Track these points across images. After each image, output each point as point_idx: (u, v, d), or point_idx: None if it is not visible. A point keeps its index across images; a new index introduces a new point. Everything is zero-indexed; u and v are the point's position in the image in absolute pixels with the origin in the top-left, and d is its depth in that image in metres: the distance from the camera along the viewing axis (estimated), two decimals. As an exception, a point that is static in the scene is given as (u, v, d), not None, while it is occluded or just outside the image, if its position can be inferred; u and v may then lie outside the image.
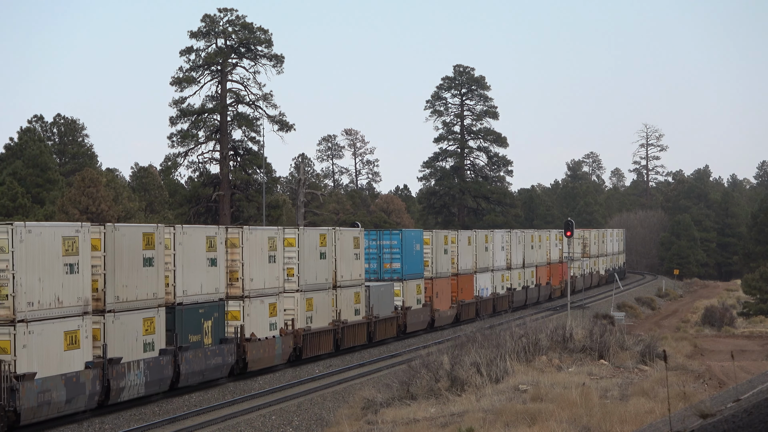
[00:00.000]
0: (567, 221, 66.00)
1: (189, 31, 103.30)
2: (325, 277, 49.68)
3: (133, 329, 35.58)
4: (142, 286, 36.03)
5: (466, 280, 69.30)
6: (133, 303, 35.62)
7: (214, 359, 40.29)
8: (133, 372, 35.50)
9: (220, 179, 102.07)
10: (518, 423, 26.23)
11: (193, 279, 39.32)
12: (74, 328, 32.50)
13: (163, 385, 37.37)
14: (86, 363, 33.07)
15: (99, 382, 33.64)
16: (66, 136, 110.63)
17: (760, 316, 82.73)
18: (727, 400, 18.23)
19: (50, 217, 79.86)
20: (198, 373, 39.39)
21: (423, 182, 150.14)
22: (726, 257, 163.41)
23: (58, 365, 31.80)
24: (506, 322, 58.38)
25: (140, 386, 35.90)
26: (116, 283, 34.81)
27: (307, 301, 47.73)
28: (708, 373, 36.82)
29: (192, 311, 39.14)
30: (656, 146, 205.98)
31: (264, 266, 44.10)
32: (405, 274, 59.47)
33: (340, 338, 50.79)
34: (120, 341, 34.90)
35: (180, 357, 38.06)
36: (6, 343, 30.18)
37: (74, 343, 32.48)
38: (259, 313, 43.60)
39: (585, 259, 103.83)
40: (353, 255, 52.62)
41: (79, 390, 32.64)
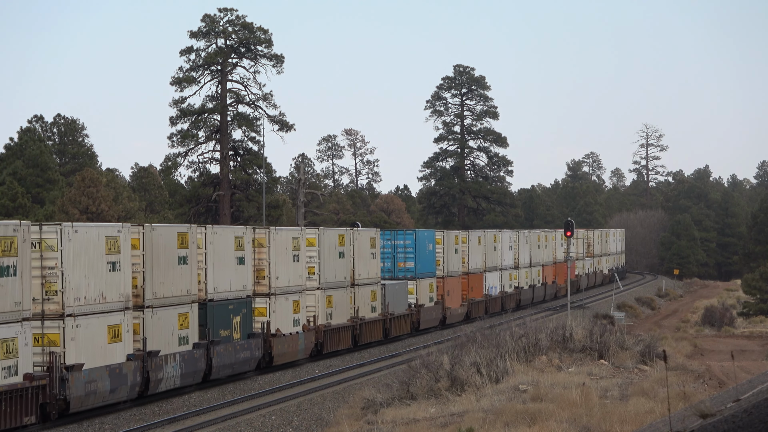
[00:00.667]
0: (567, 221, 66.06)
1: (189, 31, 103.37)
2: (344, 275, 51.47)
3: (169, 324, 37.55)
4: (177, 283, 37.99)
5: (476, 279, 71.25)
6: (169, 299, 37.58)
7: (242, 353, 42.14)
8: (170, 364, 37.41)
9: (220, 179, 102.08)
10: (518, 423, 26.23)
11: (223, 277, 41.36)
12: (117, 322, 34.58)
13: (196, 377, 39.24)
14: (127, 355, 35.01)
15: (139, 373, 35.57)
16: (66, 136, 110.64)
17: (760, 316, 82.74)
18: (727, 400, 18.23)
19: (50, 217, 79.86)
20: (228, 366, 41.20)
21: (423, 182, 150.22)
22: (726, 257, 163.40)
23: (102, 357, 33.81)
24: (506, 321, 58.44)
25: (176, 378, 37.84)
26: (154, 280, 36.80)
27: (327, 298, 49.53)
28: (708, 373, 36.82)
29: (222, 307, 41.18)
30: (656, 146, 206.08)
31: (288, 265, 45.98)
32: (418, 272, 61.40)
33: (358, 334, 52.53)
34: (157, 335, 36.86)
35: (212, 350, 39.97)
36: (56, 336, 32.23)
37: (117, 336, 34.59)
38: (283, 310, 45.51)
39: (589, 258, 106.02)
40: (370, 254, 54.48)
41: (122, 381, 34.61)
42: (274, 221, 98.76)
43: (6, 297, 29.73)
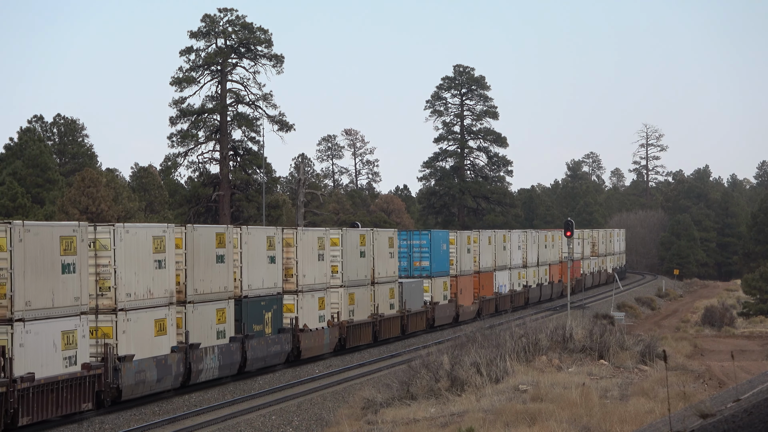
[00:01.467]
0: (567, 221, 66.08)
1: (189, 31, 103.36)
2: (365, 274, 53.83)
3: (208, 319, 40.05)
4: (215, 280, 40.47)
5: (487, 278, 73.53)
6: (208, 295, 40.08)
7: (273, 347, 44.61)
8: (209, 356, 39.82)
9: (220, 179, 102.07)
10: (518, 423, 26.23)
11: (256, 275, 43.79)
12: (162, 316, 37.00)
13: (232, 369, 41.64)
14: (171, 347, 37.46)
15: (182, 364, 38.04)
16: (66, 136, 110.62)
17: (760, 316, 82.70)
18: (727, 400, 18.23)
19: (50, 217, 79.85)
20: (261, 359, 43.64)
21: (423, 182, 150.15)
22: (726, 257, 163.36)
23: (150, 349, 36.25)
24: (507, 321, 58.51)
25: (215, 369, 40.24)
26: (195, 277, 39.28)
27: (349, 295, 51.89)
28: (708, 373, 36.82)
29: (255, 303, 43.61)
30: (656, 146, 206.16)
31: (314, 264, 48.45)
32: (433, 271, 63.79)
33: (377, 330, 54.89)
34: (198, 329, 39.32)
35: (247, 344, 42.32)
36: (109, 329, 34.85)
37: (162, 330, 37.03)
38: (310, 306, 47.94)
39: (593, 257, 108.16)
40: (388, 254, 56.94)
41: (167, 371, 37.09)
42: (273, 221, 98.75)
43: (67, 292, 32.35)
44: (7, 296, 30.52)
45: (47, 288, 31.76)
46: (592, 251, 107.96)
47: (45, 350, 31.55)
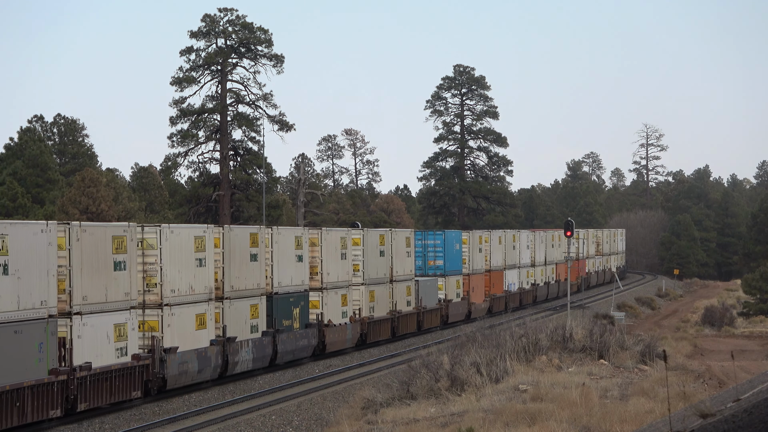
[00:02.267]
0: (567, 221, 66.14)
1: (189, 31, 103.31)
2: (384, 272, 56.25)
3: (243, 314, 42.48)
4: (249, 277, 42.97)
5: (497, 276, 76.01)
6: (243, 292, 42.52)
7: (301, 341, 47.07)
8: (244, 349, 42.30)
9: (220, 179, 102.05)
10: (518, 423, 26.22)
11: (285, 272, 46.18)
12: (202, 311, 39.52)
13: (264, 362, 44.08)
14: (210, 341, 39.94)
15: (220, 356, 40.50)
16: (66, 136, 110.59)
17: (760, 316, 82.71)
18: (727, 399, 18.23)
19: (50, 217, 79.80)
20: (290, 353, 46.02)
21: (423, 182, 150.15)
22: (726, 257, 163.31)
23: (191, 342, 38.71)
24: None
25: (249, 361, 42.64)
26: (231, 275, 41.75)
27: (370, 293, 54.30)
28: (708, 373, 36.83)
29: (285, 300, 46.04)
30: (656, 146, 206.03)
31: (337, 262, 50.86)
32: (447, 270, 66.24)
33: (396, 326, 57.31)
34: (234, 323, 41.72)
35: (277, 338, 44.83)
36: (155, 322, 37.27)
37: (202, 324, 39.54)
38: (333, 303, 50.37)
39: (598, 256, 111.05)
40: (405, 253, 59.38)
41: (207, 363, 39.52)
42: (274, 221, 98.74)
43: (119, 288, 34.94)
44: (66, 291, 32.88)
45: (101, 284, 34.22)
46: (596, 250, 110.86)
47: (99, 342, 34.08)
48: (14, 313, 30.37)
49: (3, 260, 29.98)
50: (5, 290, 30.06)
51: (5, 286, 30.07)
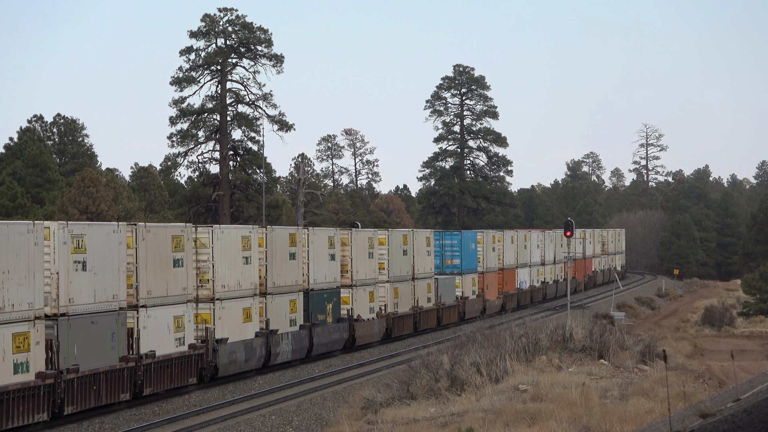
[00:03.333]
0: (567, 221, 66.21)
1: (189, 31, 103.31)
2: (407, 270, 59.55)
3: (283, 308, 45.81)
4: (288, 275, 46.29)
5: (510, 274, 79.00)
6: (283, 288, 45.83)
7: (334, 334, 50.25)
8: (284, 341, 45.46)
9: (220, 179, 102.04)
10: (518, 423, 26.20)
11: (320, 270, 49.34)
12: (248, 305, 42.79)
13: (302, 353, 47.21)
14: (255, 333, 43.13)
15: (264, 347, 43.66)
16: (66, 135, 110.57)
17: (760, 316, 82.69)
18: (726, 399, 18.22)
19: (50, 217, 79.78)
20: (324, 345, 49.14)
21: (423, 182, 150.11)
22: (726, 257, 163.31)
23: (239, 334, 41.91)
24: (506, 321, 58.67)
25: (288, 353, 45.79)
26: (273, 272, 45.05)
27: (394, 290, 57.68)
28: (708, 372, 36.82)
29: (319, 296, 49.19)
30: (656, 146, 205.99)
31: (365, 261, 54.05)
32: (463, 269, 69.22)
33: (417, 321, 60.53)
34: (275, 317, 44.97)
35: (313, 331, 47.96)
36: (207, 315, 40.38)
37: (248, 317, 42.79)
38: (362, 299, 53.56)
39: (603, 256, 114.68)
40: (426, 252, 62.55)
41: (252, 353, 42.73)
42: (273, 221, 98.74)
43: (177, 283, 38.22)
44: (133, 286, 36.09)
45: (162, 279, 37.41)
46: (602, 250, 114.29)
47: (161, 332, 37.23)
48: (91, 305, 33.69)
49: (82, 258, 33.34)
50: (84, 285, 33.41)
51: (84, 281, 33.43)
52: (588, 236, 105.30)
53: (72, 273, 32.99)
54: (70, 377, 32.39)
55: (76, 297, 33.11)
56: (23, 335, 30.68)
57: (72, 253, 33.05)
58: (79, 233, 33.42)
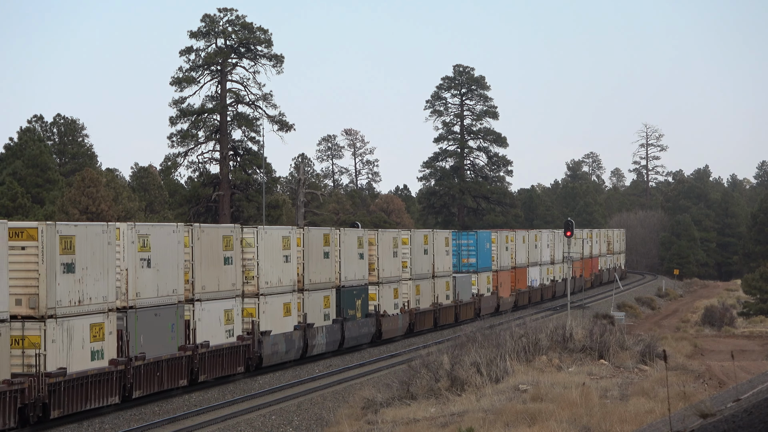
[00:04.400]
0: (567, 221, 66.23)
1: (189, 31, 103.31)
2: (427, 269, 62.68)
3: (318, 303, 48.82)
4: (323, 272, 49.38)
5: (521, 273, 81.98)
6: (318, 285, 48.91)
7: (363, 328, 53.43)
8: (320, 334, 48.59)
9: (220, 179, 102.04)
10: (518, 423, 26.20)
11: (350, 268, 52.40)
12: (288, 301, 45.90)
13: (334, 345, 50.28)
14: (294, 326, 46.29)
15: (302, 339, 46.79)
16: (66, 136, 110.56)
17: (760, 316, 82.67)
18: (727, 399, 18.22)
19: (50, 217, 79.78)
20: (354, 338, 52.37)
21: (423, 182, 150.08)
22: (726, 257, 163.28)
23: (280, 326, 45.04)
24: (506, 321, 58.75)
25: (323, 345, 48.89)
26: (309, 269, 48.13)
27: (416, 287, 60.77)
28: (708, 373, 36.79)
29: (350, 292, 52.34)
30: (656, 146, 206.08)
31: (390, 260, 57.31)
32: (479, 267, 72.34)
33: (437, 317, 63.65)
34: (311, 312, 48.09)
35: (345, 325, 51.09)
36: (252, 309, 43.25)
37: (288, 311, 45.93)
38: (387, 296, 56.86)
39: (609, 255, 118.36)
40: (444, 251, 65.66)
41: (292, 345, 45.99)
42: (273, 221, 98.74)
43: (227, 279, 41.40)
44: (190, 282, 39.21)
45: (215, 276, 40.60)
46: (608, 249, 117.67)
47: (213, 324, 40.42)
48: (154, 299, 36.75)
49: (147, 256, 36.42)
50: (149, 280, 36.47)
51: (149, 277, 36.48)
52: (594, 236, 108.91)
53: (138, 269, 36.07)
54: (138, 364, 35.47)
55: (142, 291, 36.15)
56: (99, 326, 33.80)
57: (138, 252, 36.08)
58: (145, 233, 36.55)
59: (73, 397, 32.45)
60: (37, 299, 31.80)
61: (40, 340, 31.58)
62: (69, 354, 32.45)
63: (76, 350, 32.73)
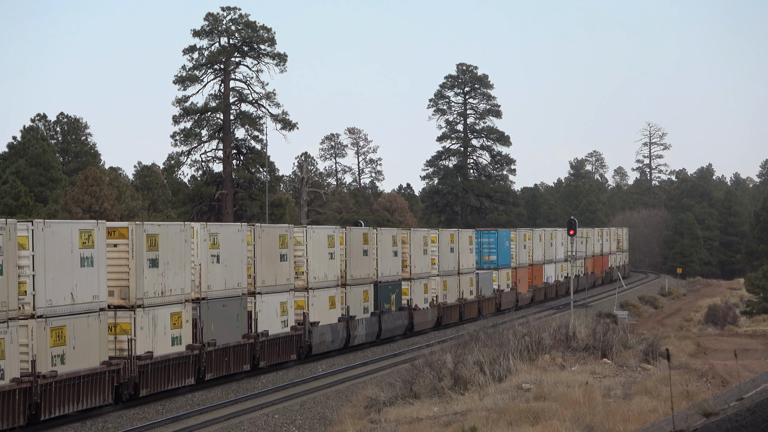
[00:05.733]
0: (570, 220, 66.20)
1: (192, 30, 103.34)
2: (453, 265, 66.47)
3: (358, 297, 52.73)
4: (362, 269, 53.23)
5: (538, 270, 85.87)
6: (358, 280, 52.76)
7: (397, 321, 57.33)
8: (360, 326, 52.49)
9: (223, 178, 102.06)
10: (521, 422, 26.20)
11: (386, 265, 56.10)
12: (333, 294, 49.83)
13: (373, 336, 54.06)
14: (338, 318, 50.16)
15: (345, 330, 50.69)
16: (69, 134, 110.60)
17: (764, 315, 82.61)
18: (730, 398, 18.20)
19: (53, 215, 79.79)
20: (390, 330, 56.18)
21: (426, 181, 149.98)
22: (729, 256, 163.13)
23: (326, 318, 48.96)
24: (509, 320, 58.75)
25: (363, 336, 52.84)
26: (351, 266, 51.81)
27: (443, 282, 64.65)
28: (711, 371, 36.77)
29: (385, 287, 56.07)
30: (659, 145, 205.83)
31: (421, 257, 61.06)
32: (499, 264, 75.89)
33: (462, 311, 67.19)
34: (353, 305, 51.97)
35: (382, 318, 54.95)
36: (302, 302, 47.10)
37: (333, 305, 49.80)
38: (418, 291, 60.57)
39: (619, 252, 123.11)
40: (468, 249, 69.38)
41: (336, 335, 49.83)
42: (277, 220, 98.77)
43: (282, 274, 45.38)
44: (252, 276, 43.13)
45: (272, 271, 44.46)
46: (617, 247, 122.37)
47: (271, 315, 44.30)
48: (222, 291, 40.62)
49: (216, 252, 40.29)
50: (218, 275, 40.36)
51: (218, 271, 40.40)
52: (605, 234, 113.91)
53: (210, 265, 39.99)
54: (210, 350, 39.49)
55: (212, 284, 40.02)
56: (177, 315, 37.69)
57: (209, 249, 40.01)
58: (215, 232, 40.64)
59: (157, 378, 36.38)
60: (127, 291, 35.59)
61: (130, 327, 35.35)
62: (154, 339, 36.29)
63: (159, 336, 36.57)
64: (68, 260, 32.61)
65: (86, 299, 33.27)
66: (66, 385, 32.13)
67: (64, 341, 32.38)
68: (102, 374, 33.64)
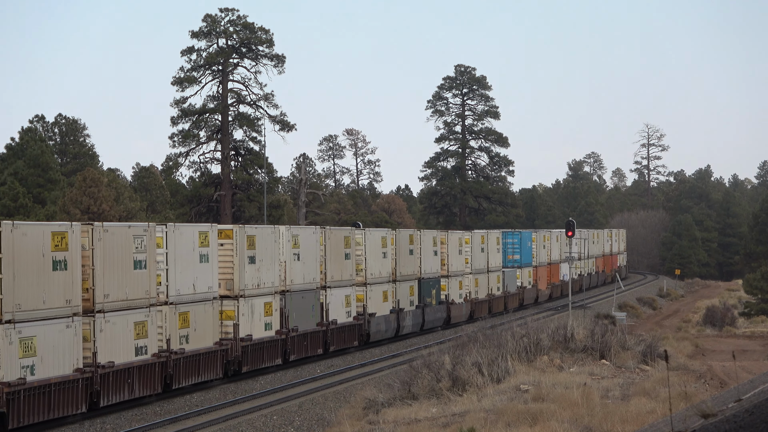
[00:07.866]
0: (568, 221, 66.44)
1: (190, 31, 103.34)
2: (483, 264, 72.13)
3: (406, 292, 58.74)
4: (409, 267, 59.14)
5: (556, 268, 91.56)
6: (406, 276, 58.80)
7: (437, 314, 63.06)
8: (408, 317, 58.47)
9: (222, 179, 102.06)
10: (520, 423, 26.19)
11: (427, 263, 61.95)
12: (386, 289, 56.04)
13: (417, 327, 59.96)
14: (390, 309, 56.28)
15: (395, 321, 56.77)
16: (67, 135, 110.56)
17: (762, 316, 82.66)
18: (728, 400, 18.20)
19: (51, 217, 79.76)
20: (431, 322, 61.84)
21: (424, 182, 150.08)
22: (727, 257, 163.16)
23: (381, 310, 55.18)
24: (508, 321, 58.82)
25: (410, 326, 58.74)
26: (400, 264, 57.85)
27: (475, 279, 70.36)
28: (709, 373, 36.78)
29: (427, 283, 61.76)
30: (657, 146, 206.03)
31: (456, 256, 66.99)
32: (522, 263, 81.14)
33: (491, 306, 72.69)
34: (402, 298, 58.03)
35: (425, 311, 60.87)
36: (361, 296, 53.28)
37: (386, 298, 55.95)
38: (454, 286, 66.50)
39: (624, 253, 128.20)
40: (496, 249, 75.46)
41: (389, 325, 56.03)
42: (275, 221, 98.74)
43: (347, 271, 51.57)
44: (323, 272, 48.98)
45: (339, 268, 50.64)
46: (625, 248, 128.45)
47: (339, 306, 50.62)
48: (301, 284, 46.98)
49: (297, 251, 46.59)
50: (298, 270, 46.69)
51: (298, 268, 46.72)
52: (614, 235, 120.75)
53: (292, 262, 46.18)
54: (294, 335, 45.80)
55: (294, 278, 46.30)
56: (269, 304, 44.17)
57: (292, 248, 46.16)
58: (296, 233, 46.78)
59: (255, 357, 42.68)
60: (232, 283, 41.93)
61: (234, 313, 41.67)
62: (252, 325, 42.60)
63: (256, 322, 42.94)
64: (191, 257, 38.88)
65: (203, 290, 39.58)
66: (190, 361, 38.45)
67: (188, 324, 38.77)
68: (215, 353, 40.12)
